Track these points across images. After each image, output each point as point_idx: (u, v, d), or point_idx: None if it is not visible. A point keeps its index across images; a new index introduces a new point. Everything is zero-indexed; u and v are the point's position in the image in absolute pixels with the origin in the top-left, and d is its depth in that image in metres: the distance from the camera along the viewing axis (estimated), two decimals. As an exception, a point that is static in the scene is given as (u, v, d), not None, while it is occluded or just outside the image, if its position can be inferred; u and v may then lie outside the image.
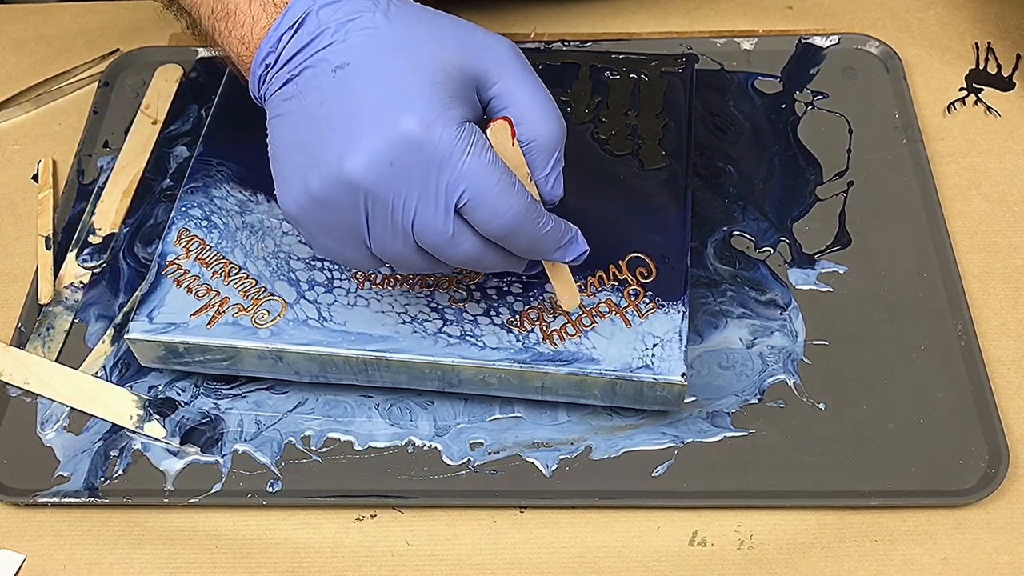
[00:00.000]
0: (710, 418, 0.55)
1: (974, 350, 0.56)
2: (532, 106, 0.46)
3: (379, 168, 0.43)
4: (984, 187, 0.64)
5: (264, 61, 0.46)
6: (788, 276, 0.60)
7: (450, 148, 0.43)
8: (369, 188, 0.43)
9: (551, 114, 0.46)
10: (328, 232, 0.46)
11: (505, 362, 0.52)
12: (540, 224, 0.46)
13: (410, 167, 0.43)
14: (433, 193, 0.44)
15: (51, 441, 0.55)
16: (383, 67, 0.44)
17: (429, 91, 0.43)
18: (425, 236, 0.45)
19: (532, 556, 0.52)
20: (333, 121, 0.44)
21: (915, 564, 0.51)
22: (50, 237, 0.63)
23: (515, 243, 0.46)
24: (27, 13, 0.76)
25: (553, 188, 0.47)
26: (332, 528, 0.53)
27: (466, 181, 0.43)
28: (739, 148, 0.66)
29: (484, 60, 0.46)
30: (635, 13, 0.74)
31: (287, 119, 0.45)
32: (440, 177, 0.43)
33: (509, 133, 0.44)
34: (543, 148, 0.46)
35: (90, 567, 0.52)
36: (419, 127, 0.43)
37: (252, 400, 0.56)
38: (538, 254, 0.48)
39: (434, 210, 0.44)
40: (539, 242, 0.46)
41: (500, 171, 0.44)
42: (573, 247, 0.48)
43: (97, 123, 0.69)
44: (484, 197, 0.44)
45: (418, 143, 0.43)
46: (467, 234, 0.45)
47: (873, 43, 0.70)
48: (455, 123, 0.43)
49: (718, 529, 0.52)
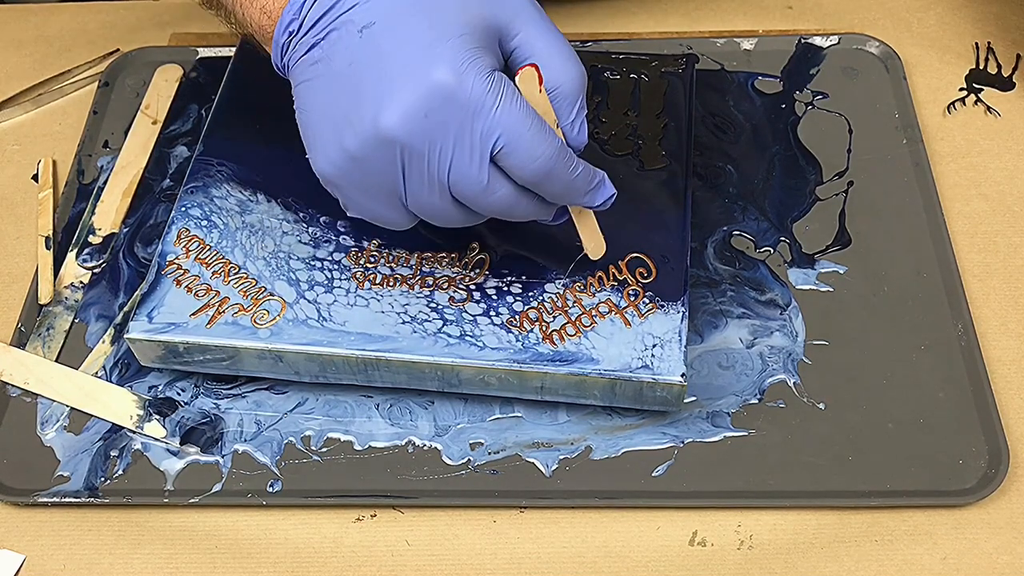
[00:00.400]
0: (710, 418, 0.55)
1: (974, 350, 0.56)
2: (554, 54, 0.47)
3: (414, 121, 0.44)
4: (984, 187, 0.64)
5: (287, 29, 0.47)
6: (788, 276, 0.60)
7: (482, 96, 0.44)
8: (405, 142, 0.44)
9: (572, 62, 0.47)
10: (364, 190, 0.47)
11: (504, 362, 0.52)
12: (572, 167, 0.47)
13: (445, 118, 0.44)
14: (468, 142, 0.45)
15: (51, 441, 0.55)
16: (409, 24, 0.45)
17: (457, 43, 0.44)
18: (461, 186, 0.46)
19: (532, 556, 0.52)
20: (364, 80, 0.45)
21: (915, 564, 0.51)
22: (50, 237, 0.63)
23: (548, 187, 0.47)
24: (27, 13, 0.76)
25: (579, 134, 0.48)
26: (332, 528, 0.53)
27: (500, 128, 0.44)
28: (739, 148, 0.66)
29: (505, 11, 0.47)
30: (635, 13, 0.74)
31: (316, 83, 0.46)
32: (475, 125, 0.44)
33: (537, 80, 0.46)
34: (567, 95, 0.47)
35: (90, 567, 0.52)
36: (452, 77, 0.44)
37: (252, 400, 0.56)
38: (569, 199, 0.49)
39: (469, 158, 0.45)
40: (571, 185, 0.47)
41: (532, 116, 0.45)
42: (602, 190, 0.49)
43: (97, 123, 0.69)
44: (519, 143, 0.45)
45: (451, 93, 0.44)
46: (501, 181, 0.46)
47: (873, 43, 0.70)
48: (485, 72, 0.44)
49: (718, 529, 0.52)
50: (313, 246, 0.56)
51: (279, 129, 0.61)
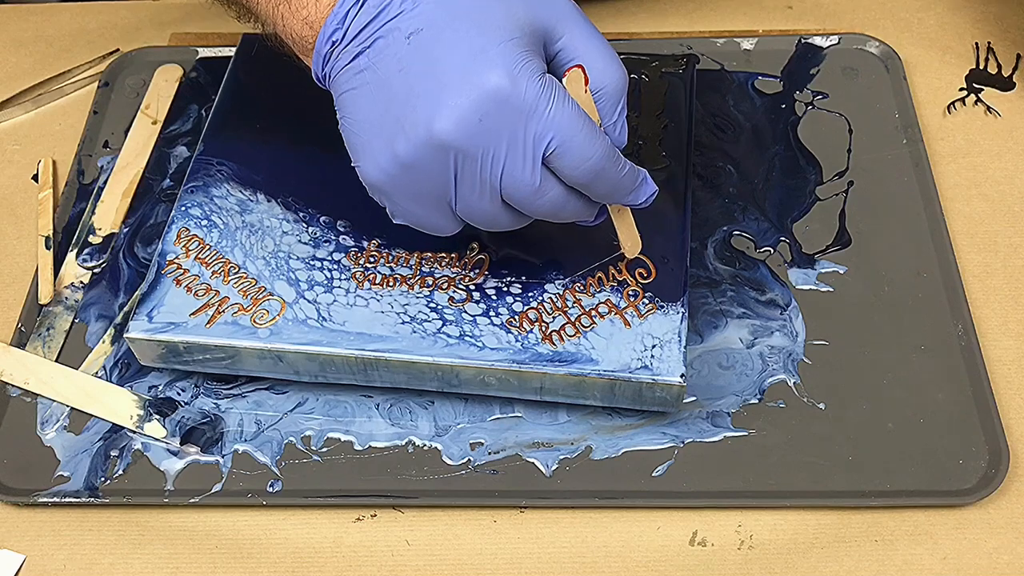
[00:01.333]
0: (710, 418, 0.55)
1: (974, 350, 0.56)
2: (598, 56, 0.47)
3: (469, 126, 0.44)
4: (984, 187, 0.64)
5: (330, 38, 0.47)
6: (788, 276, 0.60)
7: (536, 99, 0.44)
8: (460, 146, 0.45)
9: (615, 63, 0.48)
10: (414, 197, 0.47)
11: (504, 362, 0.52)
12: (620, 166, 0.47)
13: (499, 121, 0.44)
14: (521, 145, 0.45)
15: (51, 441, 0.55)
16: (458, 29, 0.45)
17: (508, 46, 0.44)
18: (512, 189, 0.46)
19: (532, 556, 0.52)
20: (416, 86, 0.45)
21: (915, 564, 0.51)
22: (50, 237, 0.63)
23: (597, 187, 0.47)
24: (27, 13, 0.76)
25: (620, 134, 0.49)
26: (332, 528, 0.53)
27: (553, 129, 0.45)
28: (739, 148, 0.66)
29: (549, 14, 0.47)
30: (635, 13, 0.74)
31: (362, 91, 0.46)
32: (528, 128, 0.45)
33: (583, 81, 0.46)
34: (611, 95, 0.48)
35: (90, 567, 0.52)
36: (506, 81, 0.44)
37: (252, 400, 0.56)
38: (616, 197, 0.49)
39: (523, 161, 0.45)
40: (618, 184, 0.48)
41: (583, 118, 0.45)
42: (644, 187, 0.49)
43: (97, 123, 0.69)
44: (571, 143, 0.45)
45: (506, 97, 0.44)
46: (552, 182, 0.47)
47: (873, 43, 0.70)
48: (537, 75, 0.44)
49: (718, 529, 0.52)
50: (313, 246, 0.56)
51: (279, 129, 0.61)
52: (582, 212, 0.49)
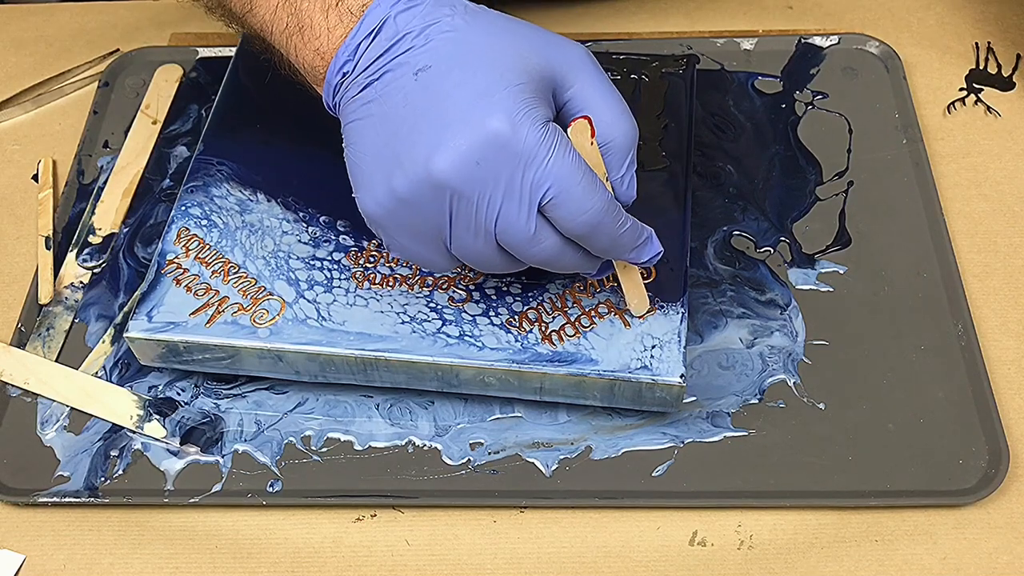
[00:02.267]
0: (710, 418, 0.55)
1: (974, 350, 0.56)
2: (607, 108, 0.47)
3: (466, 167, 0.44)
4: (984, 187, 0.64)
5: (341, 70, 0.46)
6: (788, 276, 0.60)
7: (536, 146, 0.44)
8: (456, 187, 0.44)
9: (625, 116, 0.47)
10: (410, 233, 0.47)
11: (504, 362, 0.52)
12: (620, 222, 0.46)
13: (497, 166, 0.44)
14: (518, 191, 0.44)
15: (51, 441, 0.55)
16: (466, 69, 0.44)
17: (513, 91, 0.44)
18: (507, 235, 0.46)
19: (532, 556, 0.52)
20: (418, 122, 0.44)
21: (915, 564, 0.51)
22: (50, 237, 0.63)
23: (595, 242, 0.46)
24: (27, 13, 0.76)
25: (628, 189, 0.48)
26: (332, 528, 0.53)
27: (551, 179, 0.44)
28: (739, 148, 0.66)
29: (561, 63, 0.46)
30: (635, 13, 0.74)
31: (367, 123, 0.46)
32: (526, 175, 0.44)
33: (589, 132, 0.45)
34: (619, 149, 0.47)
35: (90, 567, 0.52)
36: (507, 126, 0.43)
37: (252, 400, 0.56)
38: (615, 253, 0.48)
39: (518, 208, 0.45)
40: (618, 240, 0.47)
41: (583, 169, 0.45)
42: (648, 247, 0.48)
43: (97, 123, 0.69)
44: (568, 195, 0.44)
45: (505, 142, 0.43)
46: (548, 232, 0.46)
47: (873, 43, 0.70)
48: (540, 122, 0.44)
49: (718, 529, 0.52)
50: (313, 246, 0.56)
51: (279, 129, 0.62)
52: (582, 264, 0.48)
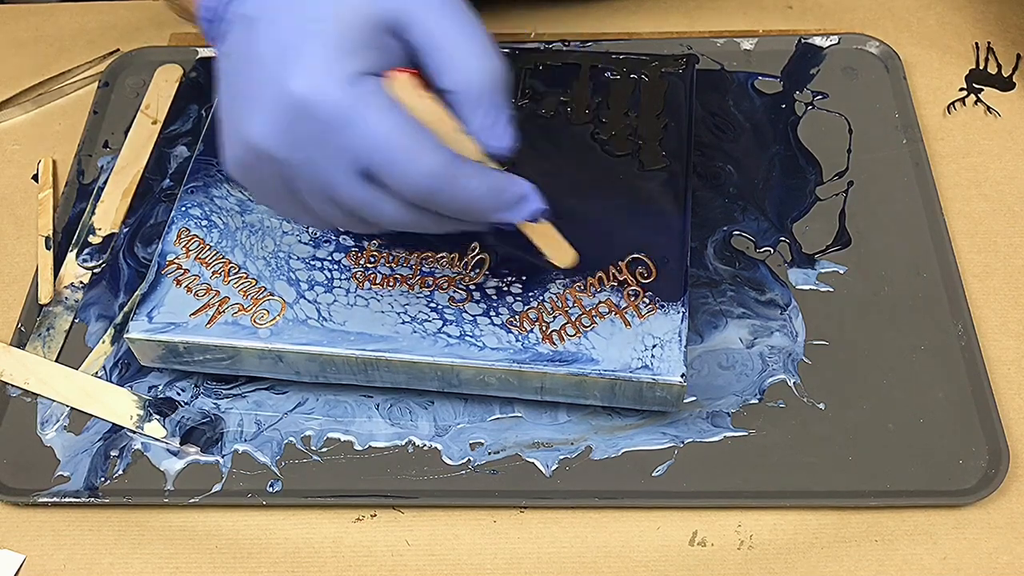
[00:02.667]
0: (710, 418, 0.55)
1: (974, 350, 0.56)
2: (457, 48, 0.40)
3: (278, 135, 0.40)
4: (984, 187, 0.64)
5: (204, 17, 0.44)
6: (788, 276, 0.60)
7: (345, 109, 0.39)
8: (274, 155, 0.40)
9: (483, 54, 0.41)
10: (268, 195, 0.44)
11: (504, 362, 0.52)
12: (464, 184, 0.40)
13: (306, 133, 0.39)
14: (335, 159, 0.40)
15: (51, 441, 0.55)
16: (280, 20, 0.40)
17: (319, 44, 0.39)
18: (345, 203, 0.41)
19: (532, 556, 0.52)
20: (240, 85, 0.41)
21: (915, 564, 0.51)
22: (50, 237, 0.63)
23: (441, 206, 0.41)
24: (27, 13, 0.76)
25: (498, 140, 0.41)
26: (332, 528, 0.53)
27: (366, 144, 0.39)
28: (739, 148, 0.66)
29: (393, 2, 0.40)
30: (635, 13, 0.74)
31: (221, 81, 0.43)
32: (339, 141, 0.39)
33: (412, 85, 0.40)
34: (473, 96, 0.40)
35: (90, 567, 0.52)
36: (308, 89, 0.39)
37: (252, 400, 0.56)
38: (477, 216, 0.42)
39: (344, 176, 0.40)
40: (470, 204, 0.41)
41: (405, 129, 0.39)
42: (523, 205, 0.42)
43: (97, 123, 0.69)
44: (390, 160, 0.39)
45: (310, 107, 0.39)
46: (386, 199, 0.41)
47: (873, 43, 0.70)
48: (348, 80, 0.39)
49: (718, 529, 0.52)
50: (313, 246, 0.56)
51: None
52: (457, 226, 0.43)
